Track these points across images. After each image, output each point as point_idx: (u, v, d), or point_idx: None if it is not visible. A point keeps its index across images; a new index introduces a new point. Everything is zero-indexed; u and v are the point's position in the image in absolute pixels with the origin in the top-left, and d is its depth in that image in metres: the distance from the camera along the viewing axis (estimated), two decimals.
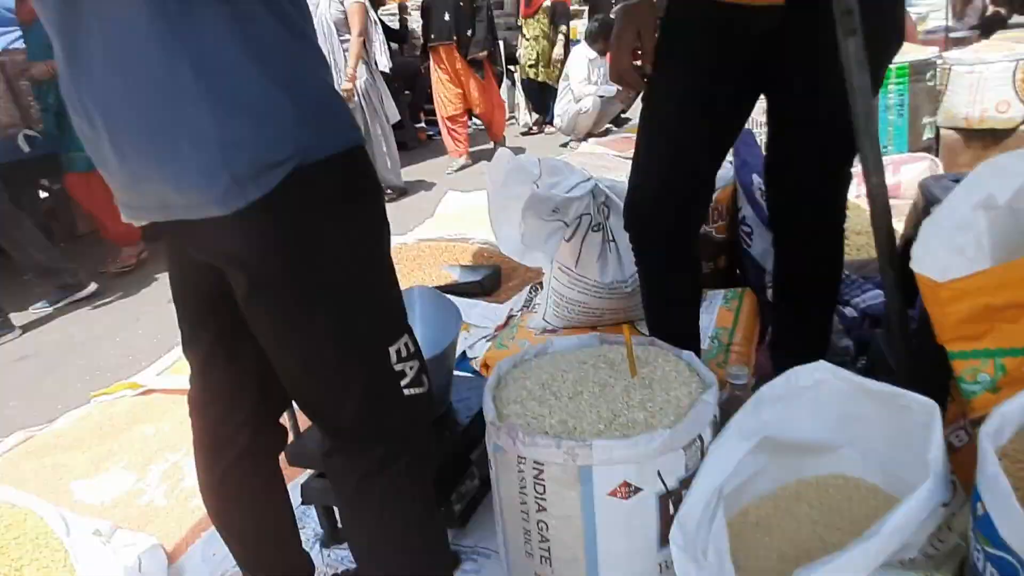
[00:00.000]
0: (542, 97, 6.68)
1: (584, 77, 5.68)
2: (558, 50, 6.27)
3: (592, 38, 5.73)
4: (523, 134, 6.91)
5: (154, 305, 3.30)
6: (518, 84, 7.09)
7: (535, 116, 6.93)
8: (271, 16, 0.76)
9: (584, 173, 1.89)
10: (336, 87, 3.15)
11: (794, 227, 1.43)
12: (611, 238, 1.87)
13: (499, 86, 6.00)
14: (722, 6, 1.20)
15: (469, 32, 5.28)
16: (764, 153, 1.42)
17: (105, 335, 3.06)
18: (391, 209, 1.02)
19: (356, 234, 0.85)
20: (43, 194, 4.80)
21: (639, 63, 1.31)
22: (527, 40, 6.47)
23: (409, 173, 5.53)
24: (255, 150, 0.74)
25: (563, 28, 6.31)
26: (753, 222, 2.07)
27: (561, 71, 6.14)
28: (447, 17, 5.26)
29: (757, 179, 2.07)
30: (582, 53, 5.75)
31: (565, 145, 5.88)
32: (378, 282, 0.89)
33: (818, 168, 1.31)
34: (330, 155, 0.80)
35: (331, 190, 0.81)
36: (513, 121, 7.26)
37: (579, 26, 6.91)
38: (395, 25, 7.11)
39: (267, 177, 0.75)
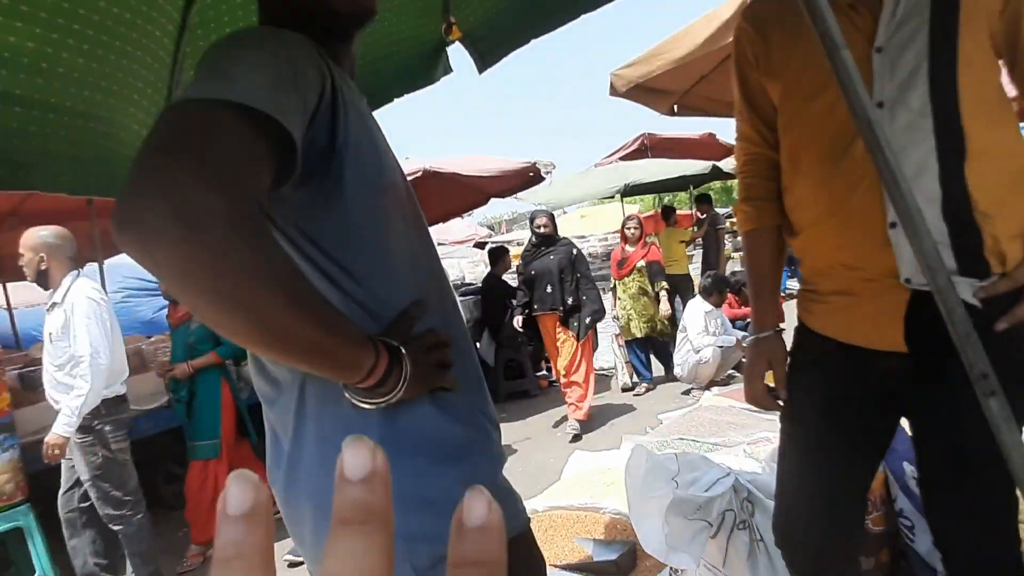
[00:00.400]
0: (647, 352, 6.40)
1: (702, 329, 5.83)
2: (664, 306, 6.24)
3: (706, 292, 5.99)
4: (624, 390, 6.44)
5: None
6: (614, 346, 6.73)
7: (635, 378, 6.47)
8: (458, 424, 0.89)
9: (724, 467, 1.90)
10: None
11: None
12: (759, 537, 1.81)
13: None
14: (847, 345, 1.27)
15: (571, 300, 5.27)
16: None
17: None
18: (516, 467, 1.03)
19: None
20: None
21: (771, 385, 1.40)
22: (623, 300, 6.34)
23: (531, 424, 5.66)
24: (435, 544, 0.81)
25: (663, 283, 6.32)
26: (912, 515, 1.95)
27: (667, 325, 6.19)
28: (550, 289, 5.31)
29: (908, 467, 1.99)
30: (698, 306, 5.97)
31: (687, 393, 5.88)
32: None
33: (979, 529, 1.23)
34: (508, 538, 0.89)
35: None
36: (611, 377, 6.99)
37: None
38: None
39: (442, 567, 0.84)
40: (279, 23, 0.88)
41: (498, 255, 6.91)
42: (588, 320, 5.32)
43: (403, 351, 0.82)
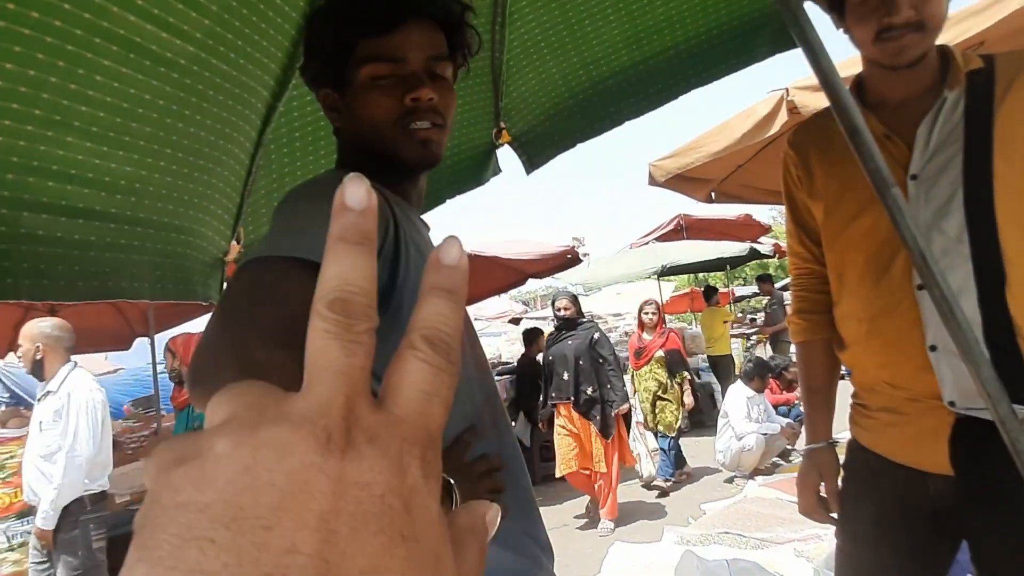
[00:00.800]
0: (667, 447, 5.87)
1: (744, 415, 5.71)
2: (688, 399, 5.89)
3: (748, 377, 5.89)
4: (646, 487, 5.88)
5: None
6: (636, 431, 6.11)
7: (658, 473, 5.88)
8: (508, 552, 0.90)
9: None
10: None
11: None
12: None
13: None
14: (897, 463, 1.26)
15: (589, 389, 4.98)
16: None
17: None
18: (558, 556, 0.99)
19: None
20: None
21: (824, 495, 1.38)
22: (641, 392, 5.97)
23: (567, 509, 5.52)
24: None
25: (685, 374, 5.90)
26: None
27: (685, 420, 5.77)
28: (566, 376, 5.07)
29: None
30: (740, 392, 5.87)
31: (730, 481, 5.70)
32: None
33: None
34: None
35: None
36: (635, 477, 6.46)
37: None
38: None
39: None
40: (352, 165, 0.97)
41: (532, 336, 6.94)
42: (610, 414, 4.93)
43: (453, 483, 0.83)
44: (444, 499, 0.82)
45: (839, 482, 1.36)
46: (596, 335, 5.20)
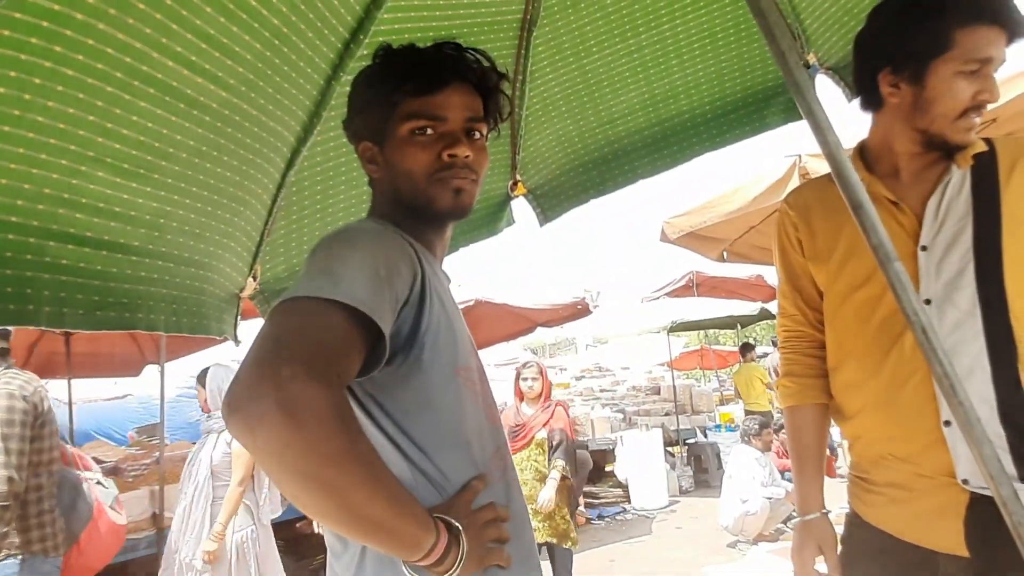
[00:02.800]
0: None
1: (749, 476, 5.60)
2: (545, 494, 3.97)
3: (748, 436, 5.80)
4: None
5: None
6: None
7: None
8: None
9: None
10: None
11: None
12: None
13: None
14: (904, 541, 1.23)
15: None
16: None
17: None
18: None
19: None
20: None
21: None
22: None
23: None
24: None
25: (560, 463, 4.07)
26: None
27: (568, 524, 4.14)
28: None
29: None
30: (745, 453, 5.77)
31: (733, 546, 5.56)
32: None
33: None
34: None
35: None
36: None
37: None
38: None
39: None
40: (385, 214, 1.03)
41: None
42: None
43: (462, 530, 0.86)
44: (452, 543, 0.84)
45: (839, 555, 1.32)
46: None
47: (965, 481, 1.13)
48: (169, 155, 1.23)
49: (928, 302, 1.18)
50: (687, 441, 8.68)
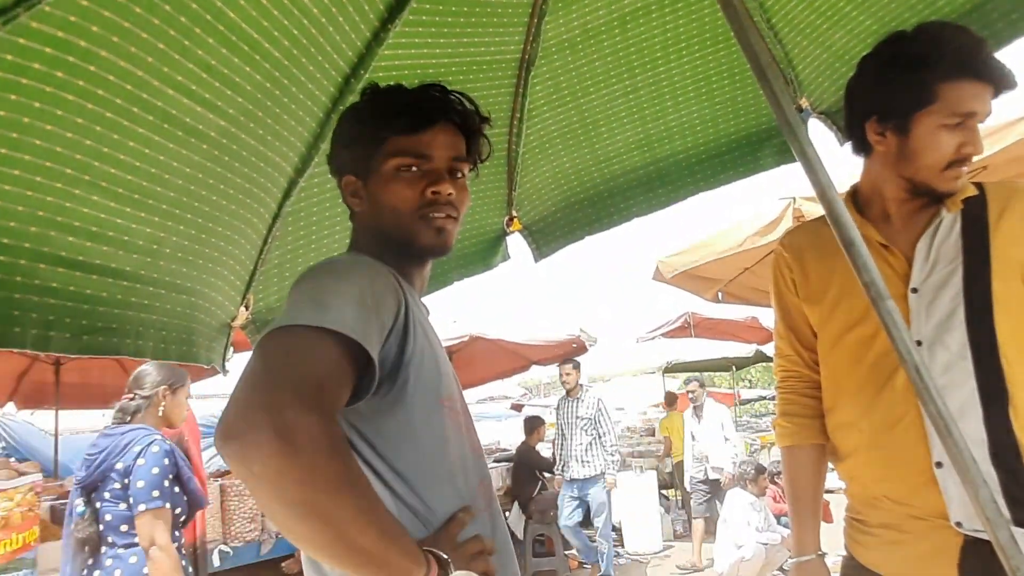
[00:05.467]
0: None
1: (744, 521, 5.51)
2: None
3: (743, 481, 5.71)
4: None
5: None
6: None
7: None
8: None
9: None
10: None
11: None
12: None
13: None
14: None
15: None
16: None
17: None
18: None
19: None
20: None
21: None
22: None
23: None
24: None
25: None
26: None
27: None
28: None
29: None
30: (740, 497, 5.69)
31: None
32: None
33: None
34: None
35: None
36: None
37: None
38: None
39: None
40: (366, 248, 1.03)
41: (534, 425, 6.81)
42: None
43: (451, 563, 0.84)
44: (440, 575, 0.83)
45: None
46: None
47: (958, 524, 1.11)
48: (164, 181, 1.23)
49: (919, 343, 1.17)
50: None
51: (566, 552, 6.83)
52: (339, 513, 0.72)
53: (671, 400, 8.52)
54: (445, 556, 0.84)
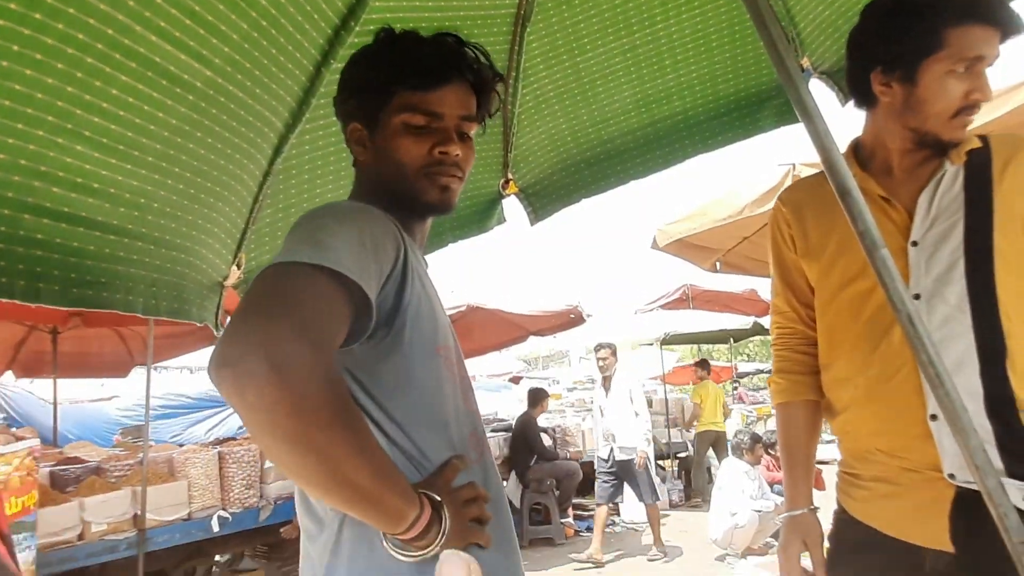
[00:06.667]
0: None
1: (739, 489, 5.57)
2: None
3: (740, 450, 5.77)
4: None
5: None
6: None
7: None
8: None
9: None
10: None
11: None
12: None
13: None
14: (890, 536, 1.22)
15: None
16: None
17: None
18: None
19: None
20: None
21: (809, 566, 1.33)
22: None
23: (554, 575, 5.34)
24: None
25: None
26: None
27: None
28: None
29: None
30: (735, 466, 5.74)
31: (722, 559, 5.52)
32: None
33: None
34: None
35: None
36: None
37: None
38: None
39: None
40: (369, 198, 1.01)
41: (539, 397, 6.85)
42: None
43: (444, 505, 0.85)
44: (434, 518, 0.83)
45: (825, 552, 1.31)
46: None
47: (951, 476, 1.12)
48: (150, 132, 1.21)
49: (917, 297, 1.16)
50: (678, 455, 8.64)
51: (562, 521, 6.93)
52: (333, 448, 0.72)
53: (704, 366, 8.55)
54: (439, 499, 0.85)
